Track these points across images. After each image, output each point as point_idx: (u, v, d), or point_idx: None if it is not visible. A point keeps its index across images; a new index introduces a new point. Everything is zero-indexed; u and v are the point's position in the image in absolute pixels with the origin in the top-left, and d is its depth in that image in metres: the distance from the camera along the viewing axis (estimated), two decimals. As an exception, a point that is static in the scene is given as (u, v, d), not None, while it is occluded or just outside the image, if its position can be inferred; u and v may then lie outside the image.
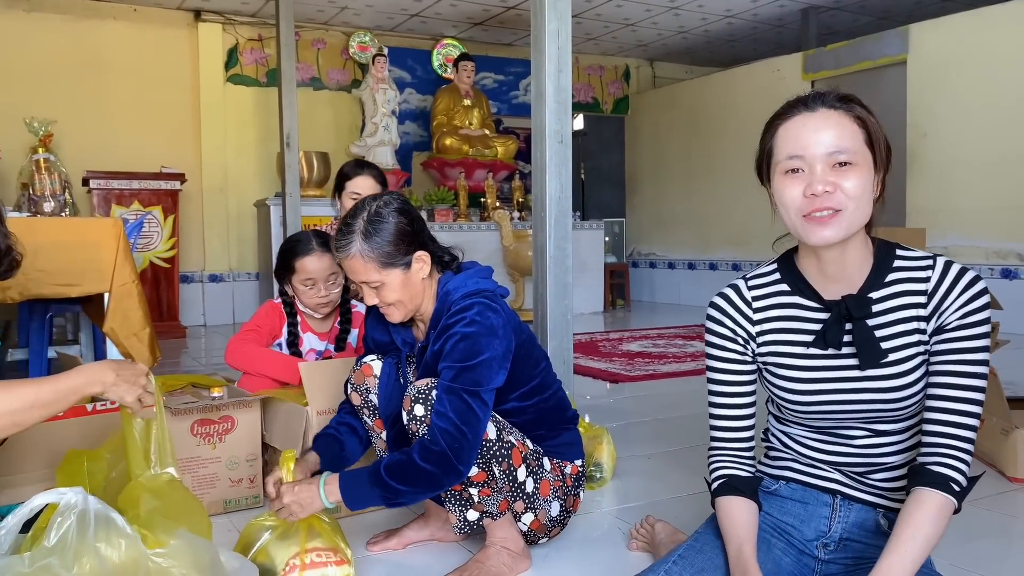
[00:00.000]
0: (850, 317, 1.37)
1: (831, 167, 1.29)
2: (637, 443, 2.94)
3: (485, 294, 1.76)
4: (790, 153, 1.32)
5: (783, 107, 1.37)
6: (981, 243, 5.82)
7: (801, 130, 1.32)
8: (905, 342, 1.36)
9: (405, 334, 1.90)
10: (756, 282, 1.50)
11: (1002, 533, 2.06)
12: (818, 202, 1.29)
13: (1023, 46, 5.65)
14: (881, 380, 1.37)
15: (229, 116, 7.29)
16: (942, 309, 1.34)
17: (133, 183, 6.15)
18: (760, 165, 1.41)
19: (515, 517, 1.80)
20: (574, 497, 1.91)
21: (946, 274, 1.35)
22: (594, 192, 9.07)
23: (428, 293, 1.81)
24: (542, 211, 2.78)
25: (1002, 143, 5.75)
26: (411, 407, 1.68)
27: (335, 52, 7.77)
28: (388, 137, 7.36)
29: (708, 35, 8.30)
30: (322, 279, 2.50)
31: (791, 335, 1.45)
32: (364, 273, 1.73)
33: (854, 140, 1.30)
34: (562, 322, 2.81)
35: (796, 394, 1.44)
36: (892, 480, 1.45)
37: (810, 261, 1.42)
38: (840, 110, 1.32)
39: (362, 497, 1.64)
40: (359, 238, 1.72)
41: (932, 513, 1.27)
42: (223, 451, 2.18)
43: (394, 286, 1.74)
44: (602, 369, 4.54)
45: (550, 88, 2.66)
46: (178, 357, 5.37)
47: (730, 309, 1.50)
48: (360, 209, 1.76)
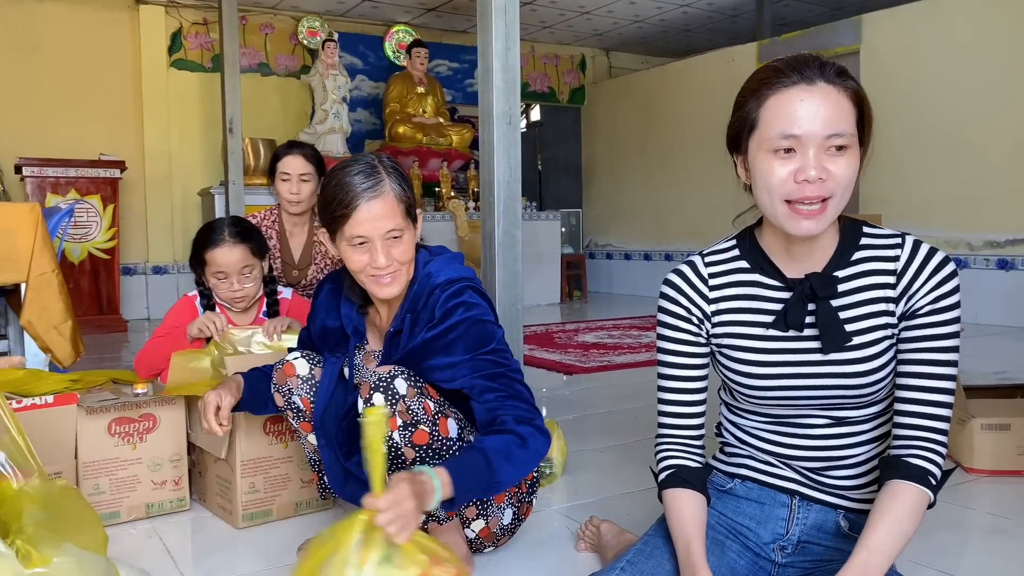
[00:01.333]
0: (814, 297, 1.27)
1: (824, 150, 1.18)
2: (590, 436, 2.85)
3: (468, 279, 1.66)
4: (784, 131, 1.18)
5: (770, 71, 1.22)
6: (932, 232, 5.85)
7: (798, 107, 1.18)
8: (871, 324, 1.27)
9: (358, 321, 1.74)
10: (713, 258, 1.39)
11: (959, 526, 2.00)
12: (808, 189, 1.18)
13: (974, 37, 5.69)
14: (844, 364, 1.28)
15: (173, 102, 7.04)
16: (911, 292, 1.25)
17: (69, 171, 5.90)
18: (736, 134, 1.27)
19: (464, 523, 1.68)
20: (527, 504, 1.80)
21: (915, 254, 1.26)
22: (551, 182, 8.98)
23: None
24: (490, 196, 2.65)
25: (953, 134, 5.78)
26: (370, 395, 1.53)
27: (283, 37, 7.55)
28: (339, 124, 7.17)
29: (664, 24, 8.24)
30: (234, 272, 2.31)
31: (749, 315, 1.34)
32: (392, 217, 1.55)
33: (850, 121, 1.19)
34: (512, 312, 2.69)
35: (753, 379, 1.33)
36: (852, 478, 1.36)
37: (775, 238, 1.32)
38: (838, 86, 1.19)
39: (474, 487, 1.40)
40: (392, 177, 1.57)
41: (908, 507, 1.19)
42: (144, 451, 2.03)
43: (409, 241, 1.60)
44: (557, 361, 4.45)
45: (497, 66, 2.53)
46: (119, 352, 5.15)
47: (685, 286, 1.39)
48: (370, 157, 1.61)
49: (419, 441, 1.55)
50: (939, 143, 5.85)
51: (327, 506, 2.13)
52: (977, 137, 5.64)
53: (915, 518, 1.20)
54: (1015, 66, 5.47)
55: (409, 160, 7.33)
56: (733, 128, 1.27)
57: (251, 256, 2.33)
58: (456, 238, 6.97)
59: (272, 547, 1.90)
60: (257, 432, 2.00)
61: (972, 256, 5.72)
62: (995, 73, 5.57)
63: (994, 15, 5.59)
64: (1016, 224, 5.54)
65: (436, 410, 1.58)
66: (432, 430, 1.55)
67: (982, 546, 1.90)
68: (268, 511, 2.02)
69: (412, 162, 7.30)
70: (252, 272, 2.35)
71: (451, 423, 1.60)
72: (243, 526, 1.99)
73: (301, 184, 2.82)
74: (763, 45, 7.22)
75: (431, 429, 1.55)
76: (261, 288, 2.44)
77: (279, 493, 2.04)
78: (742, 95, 1.26)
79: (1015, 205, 5.53)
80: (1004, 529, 1.97)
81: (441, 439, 1.57)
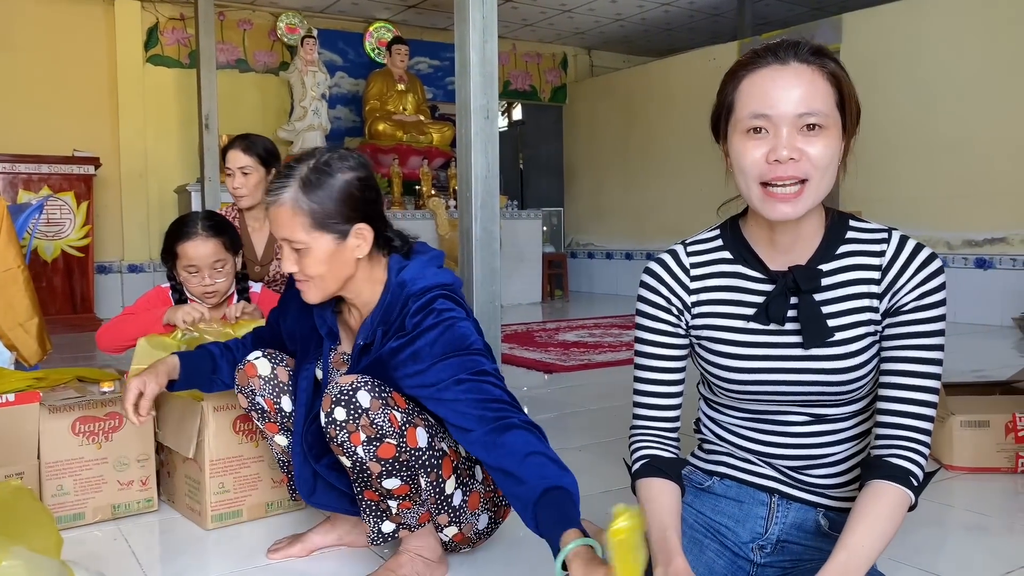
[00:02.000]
0: (797, 290, 1.24)
1: (798, 130, 1.15)
2: (570, 435, 2.82)
3: (444, 287, 1.55)
4: (754, 111, 1.16)
5: (748, 55, 1.21)
6: (912, 231, 5.79)
7: (769, 86, 1.16)
8: (854, 320, 1.24)
9: (332, 322, 1.66)
10: (696, 248, 1.36)
11: (940, 523, 1.99)
12: (781, 170, 1.15)
13: (954, 36, 5.72)
14: (826, 360, 1.25)
15: (149, 98, 6.94)
16: (896, 288, 1.23)
17: (42, 167, 5.80)
18: (716, 120, 1.25)
19: (438, 528, 1.63)
20: (504, 507, 1.74)
21: (901, 249, 1.23)
22: (532, 181, 8.95)
23: (365, 277, 1.55)
24: (468, 191, 2.62)
25: (933, 133, 5.80)
26: (331, 409, 1.46)
27: (262, 33, 7.46)
28: (318, 121, 7.10)
29: (645, 23, 8.23)
30: (206, 267, 2.26)
31: (730, 307, 1.31)
32: (289, 228, 1.46)
33: (826, 101, 1.16)
34: (489, 309, 2.66)
35: (732, 372, 1.30)
36: (832, 476, 1.33)
37: (759, 229, 1.29)
38: (814, 65, 1.16)
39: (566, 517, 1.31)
40: (296, 184, 1.46)
41: (889, 508, 1.16)
42: (110, 451, 1.97)
43: (320, 256, 1.47)
44: (537, 360, 4.41)
45: (475, 59, 2.50)
46: (92, 351, 5.04)
47: (665, 275, 1.35)
48: (309, 155, 1.51)
49: (385, 455, 1.47)
50: (919, 142, 5.87)
51: (299, 507, 2.08)
52: (957, 136, 5.67)
53: (896, 519, 1.17)
54: (994, 66, 5.50)
55: (389, 158, 7.27)
56: (714, 114, 1.25)
57: (223, 251, 2.28)
58: (436, 236, 6.93)
59: (242, 549, 1.85)
60: (227, 431, 1.95)
61: (951, 255, 5.75)
62: (975, 73, 5.60)
63: (974, 15, 5.62)
64: (994, 223, 5.58)
65: (403, 421, 1.49)
66: (399, 442, 1.47)
67: (962, 543, 1.88)
68: (238, 511, 1.97)
69: (392, 160, 7.24)
70: (224, 267, 2.30)
71: (420, 432, 1.51)
72: (212, 527, 1.94)
73: (242, 178, 2.75)
74: (744, 44, 7.22)
75: (398, 441, 1.47)
76: (233, 284, 2.39)
77: (249, 493, 1.99)
78: (722, 82, 1.24)
79: (993, 204, 5.56)
80: (984, 526, 1.96)
81: (409, 451, 1.49)
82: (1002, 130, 5.46)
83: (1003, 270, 5.55)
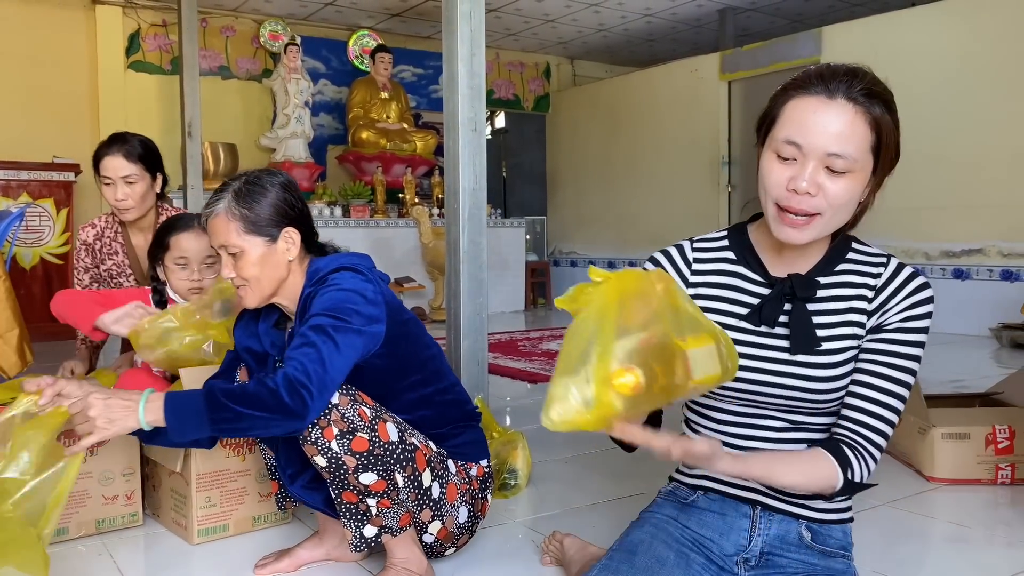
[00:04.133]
0: (792, 296, 1.29)
1: (824, 167, 1.19)
2: (555, 447, 2.82)
3: (353, 264, 1.64)
4: (789, 137, 1.20)
5: (806, 74, 1.23)
6: (890, 242, 5.94)
7: (810, 117, 1.19)
8: (841, 333, 1.29)
9: (275, 336, 1.72)
10: (702, 245, 1.42)
11: (921, 535, 2.02)
12: (796, 200, 1.20)
13: (930, 48, 5.80)
14: (809, 368, 1.29)
15: (130, 105, 6.88)
16: (885, 308, 1.28)
17: (21, 173, 5.72)
18: (760, 124, 1.29)
19: (422, 527, 1.64)
20: (482, 501, 1.76)
21: (897, 274, 1.29)
22: (515, 190, 8.97)
23: (296, 280, 1.66)
24: (455, 204, 2.62)
25: (911, 145, 5.84)
26: None
27: (245, 40, 7.43)
28: (301, 129, 7.08)
29: (628, 34, 8.28)
30: (196, 260, 2.22)
31: (726, 305, 1.36)
32: (224, 235, 1.60)
33: (860, 146, 1.19)
34: (476, 321, 2.66)
35: None
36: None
37: (766, 237, 1.34)
38: (860, 106, 1.19)
39: (188, 418, 1.36)
40: (230, 195, 1.61)
41: (810, 462, 1.25)
42: (94, 465, 1.96)
43: (253, 258, 1.60)
44: (521, 369, 4.42)
45: (462, 72, 2.51)
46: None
47: (668, 265, 1.41)
48: (241, 174, 1.66)
49: (359, 448, 1.50)
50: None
51: (286, 519, 2.07)
52: (936, 149, 5.74)
53: (810, 474, 1.23)
54: (972, 79, 5.59)
55: (373, 166, 7.26)
56: (760, 119, 1.30)
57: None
58: (420, 244, 6.92)
59: (229, 563, 1.84)
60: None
61: (929, 265, 5.83)
62: (952, 86, 5.68)
63: (952, 28, 5.71)
64: (971, 234, 5.66)
65: (373, 416, 1.54)
66: (371, 436, 1.52)
67: (944, 555, 1.91)
68: (224, 526, 1.96)
69: (376, 168, 7.23)
70: (214, 265, 2.24)
71: (390, 427, 1.56)
72: (198, 542, 1.93)
73: (126, 188, 2.49)
74: (726, 56, 7.29)
75: (370, 435, 1.51)
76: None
77: (236, 507, 1.98)
78: (776, 91, 1.27)
79: (970, 216, 5.65)
80: (965, 538, 1.99)
81: (383, 444, 1.53)
82: (980, 143, 5.55)
83: (980, 281, 5.63)
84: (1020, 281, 5.42)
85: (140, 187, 2.51)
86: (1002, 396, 2.72)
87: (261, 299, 1.64)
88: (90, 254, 2.63)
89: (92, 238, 2.63)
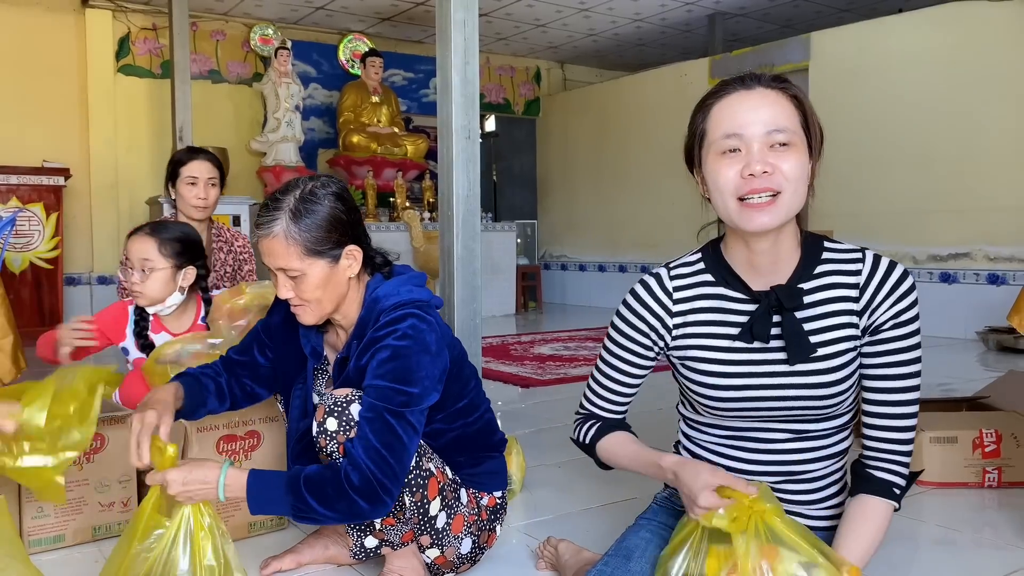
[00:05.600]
0: (780, 309, 1.30)
1: (769, 147, 1.23)
2: (548, 451, 2.84)
3: (418, 304, 1.56)
4: (727, 132, 1.24)
5: (715, 87, 1.30)
6: (878, 246, 5.98)
7: (738, 108, 1.25)
8: (835, 336, 1.31)
9: (316, 341, 1.69)
10: (679, 271, 1.41)
11: (910, 538, 2.04)
12: (756, 183, 1.22)
13: (919, 54, 5.86)
14: (809, 375, 1.31)
15: (120, 109, 6.87)
16: (874, 306, 1.29)
17: (11, 178, 5.71)
18: (690, 150, 1.32)
19: (419, 548, 1.64)
20: (489, 532, 1.74)
21: (876, 268, 1.30)
22: (506, 194, 8.99)
23: (353, 296, 1.60)
24: (449, 210, 2.64)
25: (899, 149, 5.94)
26: (324, 419, 1.48)
27: (235, 44, 7.43)
28: (291, 133, 7.08)
29: (618, 38, 8.33)
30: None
31: (715, 327, 1.36)
32: (285, 258, 1.50)
33: (792, 120, 1.24)
34: (470, 326, 2.68)
35: (719, 390, 1.35)
36: (809, 493, 1.39)
37: (739, 251, 1.34)
38: (776, 90, 1.26)
39: (271, 502, 1.41)
40: (286, 216, 1.50)
41: (877, 520, 1.29)
42: (91, 472, 1.96)
43: (315, 280, 1.52)
44: (513, 373, 4.44)
45: (456, 80, 2.53)
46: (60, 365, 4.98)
47: (650, 300, 1.41)
48: (292, 186, 1.54)
49: None
50: (885, 158, 6.01)
51: (282, 526, 2.08)
52: (922, 153, 5.81)
53: (882, 529, 1.29)
54: (958, 83, 5.64)
55: (363, 170, 7.27)
56: (687, 145, 1.33)
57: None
58: (411, 249, 6.93)
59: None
60: (210, 451, 1.95)
61: (916, 269, 5.88)
62: (939, 90, 5.74)
63: (938, 34, 5.77)
64: (958, 238, 5.71)
65: None
66: None
67: (933, 557, 1.93)
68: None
69: (367, 172, 7.24)
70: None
71: None
72: (195, 548, 1.93)
73: (209, 189, 2.84)
74: (715, 61, 7.33)
75: None
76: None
77: (232, 514, 1.99)
78: (692, 114, 1.32)
79: (957, 220, 5.70)
80: (953, 540, 2.02)
81: None
82: (966, 147, 5.61)
83: (967, 284, 5.68)
84: (1006, 284, 5.48)
85: (218, 190, 2.89)
86: (989, 400, 2.76)
87: (321, 318, 1.59)
88: None
89: None
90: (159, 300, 2.30)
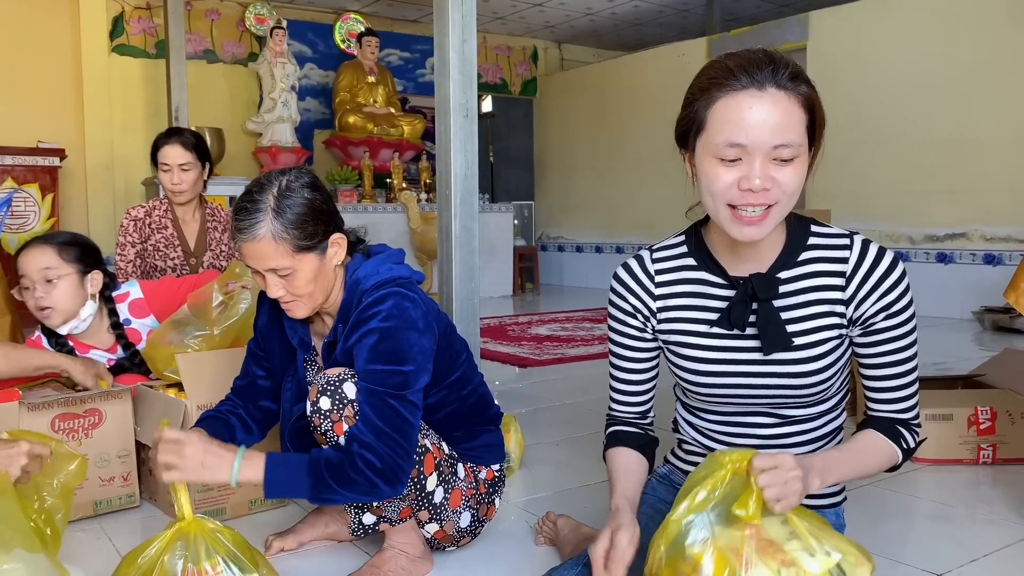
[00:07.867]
0: (756, 297, 1.28)
1: (771, 160, 1.16)
2: (546, 429, 2.86)
3: (399, 282, 1.55)
4: (730, 140, 1.15)
5: (720, 71, 1.18)
6: (875, 226, 6.00)
7: (746, 114, 1.14)
8: (816, 325, 1.29)
9: (303, 332, 1.69)
10: (661, 255, 1.41)
11: (905, 514, 2.06)
12: (752, 197, 1.17)
13: (918, 34, 5.84)
14: (787, 364, 1.30)
15: (115, 89, 6.82)
16: (860, 297, 1.28)
17: (6, 158, 5.67)
18: (684, 132, 1.25)
19: (418, 524, 1.65)
20: (487, 506, 1.75)
21: (864, 256, 1.27)
22: (503, 175, 8.97)
23: (337, 283, 1.59)
24: (447, 190, 2.64)
25: (896, 130, 5.93)
26: (317, 398, 1.48)
27: (230, 24, 7.37)
28: (287, 113, 7.05)
29: (615, 17, 8.28)
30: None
31: (695, 312, 1.36)
32: (275, 259, 1.47)
33: (799, 130, 1.17)
34: (468, 306, 2.69)
35: (699, 375, 1.35)
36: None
37: (721, 237, 1.32)
38: (789, 92, 1.16)
39: (289, 484, 1.42)
40: (270, 216, 1.45)
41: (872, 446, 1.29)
42: (90, 447, 1.97)
43: (307, 275, 1.50)
44: (510, 354, 4.45)
45: (454, 58, 2.52)
46: (57, 346, 4.98)
47: (631, 282, 1.41)
48: (264, 185, 1.49)
49: None
50: (882, 139, 6.00)
51: (282, 504, 2.09)
52: (919, 133, 5.80)
53: (876, 460, 1.28)
54: (957, 63, 5.63)
55: (360, 151, 7.24)
56: (681, 125, 1.25)
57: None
58: (408, 230, 6.92)
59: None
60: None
61: (913, 249, 5.89)
62: (938, 70, 5.72)
63: (938, 13, 5.74)
64: (955, 219, 5.72)
65: None
66: None
67: (928, 533, 1.95)
68: (222, 509, 1.98)
69: (363, 152, 7.21)
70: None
71: None
72: (196, 524, 1.94)
73: (182, 174, 2.85)
74: (713, 40, 7.30)
75: None
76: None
77: (233, 491, 2.00)
78: (691, 92, 1.23)
79: (954, 200, 5.70)
80: (948, 516, 2.04)
81: None
82: (963, 127, 5.60)
83: (963, 264, 5.70)
84: (1002, 265, 5.50)
85: (193, 174, 2.87)
86: (984, 378, 2.78)
87: (313, 310, 1.58)
88: (138, 230, 2.92)
89: (143, 214, 2.94)
90: (73, 313, 2.20)
